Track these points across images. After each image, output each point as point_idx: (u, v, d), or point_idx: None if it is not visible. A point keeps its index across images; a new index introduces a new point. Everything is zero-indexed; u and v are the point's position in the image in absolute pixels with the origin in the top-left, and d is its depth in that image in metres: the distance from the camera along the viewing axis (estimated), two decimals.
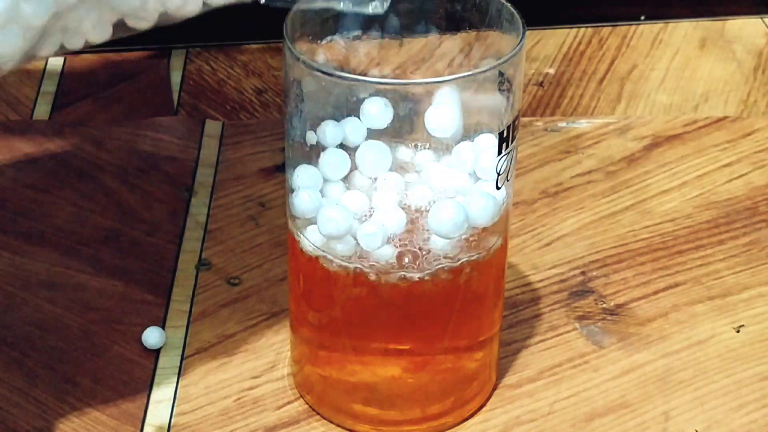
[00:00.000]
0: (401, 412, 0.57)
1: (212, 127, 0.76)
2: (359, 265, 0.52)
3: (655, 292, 0.65)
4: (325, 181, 0.52)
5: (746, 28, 0.86)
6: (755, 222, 0.70)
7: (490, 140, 0.51)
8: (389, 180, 0.52)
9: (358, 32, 0.55)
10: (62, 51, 0.49)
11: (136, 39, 0.83)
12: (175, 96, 0.80)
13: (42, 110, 0.78)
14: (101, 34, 0.49)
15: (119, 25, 0.50)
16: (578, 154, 0.74)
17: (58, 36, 0.48)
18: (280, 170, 0.72)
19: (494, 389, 0.60)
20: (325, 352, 0.57)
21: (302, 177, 0.52)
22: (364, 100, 0.51)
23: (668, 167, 0.73)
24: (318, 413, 0.58)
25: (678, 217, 0.70)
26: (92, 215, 0.69)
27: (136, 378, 0.60)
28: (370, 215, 0.52)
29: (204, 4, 0.50)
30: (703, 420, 0.58)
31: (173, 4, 0.49)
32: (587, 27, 0.86)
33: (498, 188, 0.52)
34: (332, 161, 0.52)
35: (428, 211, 0.51)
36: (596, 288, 0.65)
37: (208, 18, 0.82)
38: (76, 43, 0.49)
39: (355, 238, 0.52)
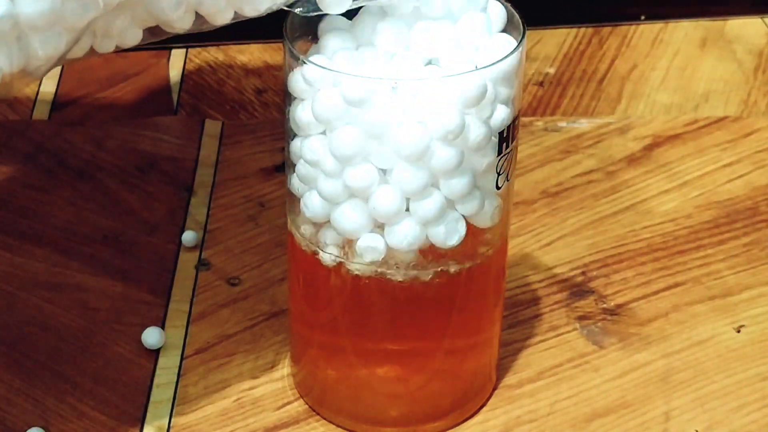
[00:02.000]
0: (401, 412, 0.57)
1: (212, 127, 0.76)
2: (358, 265, 0.52)
3: (656, 292, 0.65)
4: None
5: (747, 28, 0.86)
6: (756, 222, 0.70)
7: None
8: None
9: None
10: (91, 54, 0.49)
11: None
12: (175, 96, 0.80)
13: (42, 110, 0.78)
14: (132, 38, 0.49)
15: (150, 29, 0.50)
16: (578, 154, 0.74)
17: (89, 38, 0.48)
18: (280, 170, 0.72)
19: (494, 389, 0.60)
20: (325, 352, 0.57)
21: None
22: None
23: (668, 167, 0.73)
24: (318, 414, 0.58)
25: (678, 217, 0.70)
26: (92, 215, 0.69)
27: (136, 378, 0.60)
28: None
29: (235, 14, 0.50)
30: (703, 420, 0.58)
31: (205, 10, 0.49)
32: (587, 27, 0.86)
33: (498, 188, 0.52)
34: None
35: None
36: (596, 288, 0.65)
37: None
38: (107, 47, 0.49)
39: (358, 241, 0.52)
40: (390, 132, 0.49)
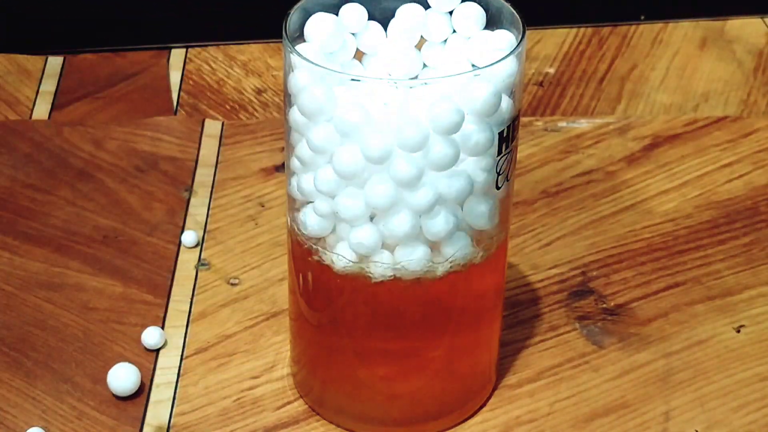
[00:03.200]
0: (401, 412, 0.57)
1: (212, 127, 0.76)
2: (358, 265, 0.52)
3: (655, 292, 0.65)
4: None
5: (746, 28, 0.86)
6: (755, 222, 0.70)
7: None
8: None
9: None
10: None
11: (136, 38, 0.83)
12: (175, 96, 0.80)
13: (42, 110, 0.78)
14: None
15: None
16: (578, 154, 0.74)
17: None
18: (279, 170, 0.72)
19: (494, 389, 0.60)
20: (325, 352, 0.57)
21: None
22: None
23: (668, 167, 0.73)
24: (318, 414, 0.58)
25: (678, 217, 0.70)
26: (91, 215, 0.69)
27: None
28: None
29: None
30: (703, 420, 0.58)
31: None
32: (587, 27, 0.86)
33: (498, 188, 0.52)
34: None
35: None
36: (596, 288, 0.65)
37: (207, 18, 0.82)
38: None
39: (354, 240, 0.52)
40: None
